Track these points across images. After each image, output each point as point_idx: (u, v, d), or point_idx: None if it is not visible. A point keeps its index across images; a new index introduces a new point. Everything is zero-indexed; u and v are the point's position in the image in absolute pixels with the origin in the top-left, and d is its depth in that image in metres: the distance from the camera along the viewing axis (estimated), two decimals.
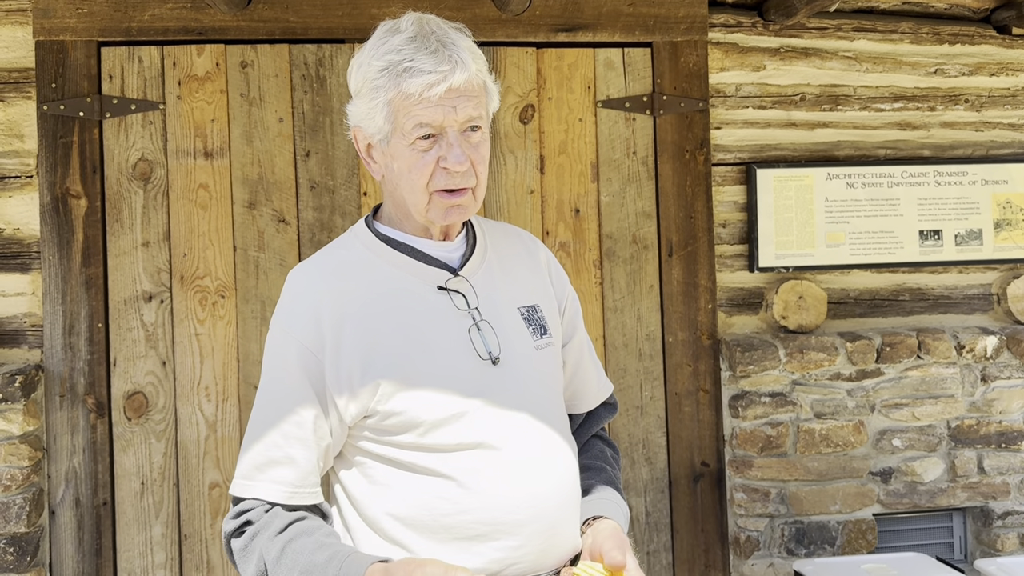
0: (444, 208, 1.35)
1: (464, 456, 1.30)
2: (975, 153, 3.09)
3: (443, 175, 1.32)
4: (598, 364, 1.57)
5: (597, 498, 1.42)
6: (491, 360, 1.34)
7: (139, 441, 2.74)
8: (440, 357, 1.32)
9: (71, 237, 2.70)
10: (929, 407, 2.94)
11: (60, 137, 2.70)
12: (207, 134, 2.78)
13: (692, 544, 2.93)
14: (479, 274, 1.40)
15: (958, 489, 2.96)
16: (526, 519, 1.30)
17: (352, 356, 1.30)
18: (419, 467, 1.30)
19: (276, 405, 1.33)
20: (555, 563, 1.33)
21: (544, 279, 1.48)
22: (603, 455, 1.52)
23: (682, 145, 2.94)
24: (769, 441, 2.87)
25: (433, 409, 1.30)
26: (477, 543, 1.29)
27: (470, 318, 1.35)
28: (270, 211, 2.80)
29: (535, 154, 2.91)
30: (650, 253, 2.95)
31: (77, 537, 2.69)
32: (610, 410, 1.58)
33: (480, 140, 1.35)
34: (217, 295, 2.78)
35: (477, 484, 1.29)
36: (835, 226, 2.98)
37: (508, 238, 1.49)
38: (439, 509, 1.29)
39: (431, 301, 1.35)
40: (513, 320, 1.39)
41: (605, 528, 1.34)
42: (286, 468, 1.31)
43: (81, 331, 2.70)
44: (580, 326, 1.53)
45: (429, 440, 1.30)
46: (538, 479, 1.32)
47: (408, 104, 1.31)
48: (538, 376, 1.38)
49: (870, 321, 3.04)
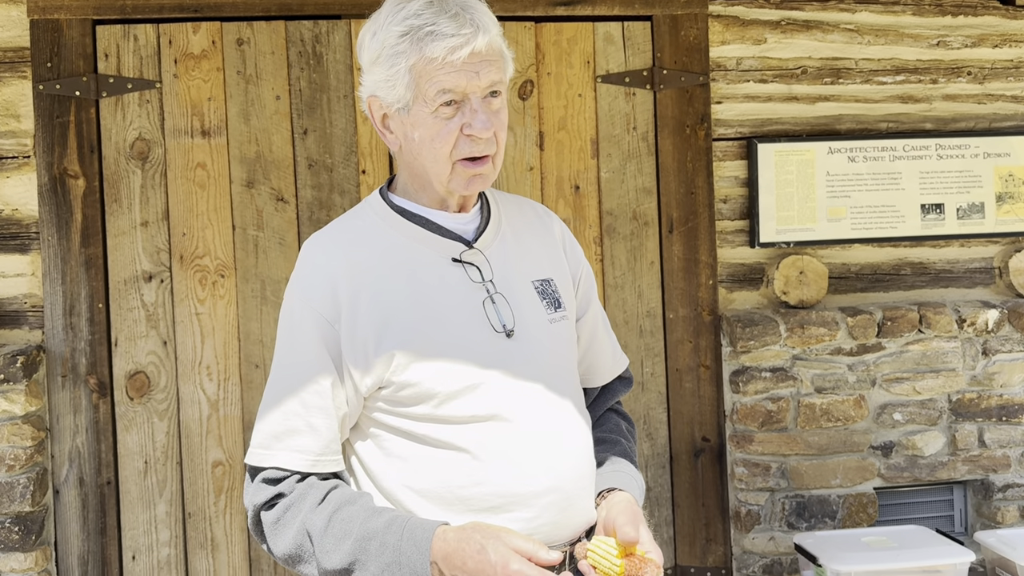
0: (466, 178, 1.34)
1: (479, 428, 1.30)
2: (977, 126, 3.07)
3: (467, 143, 1.32)
4: (613, 338, 1.56)
5: (611, 470, 1.42)
6: (505, 333, 1.34)
7: (141, 421, 2.75)
8: (455, 329, 1.32)
9: (70, 217, 2.69)
10: (930, 381, 2.94)
11: (57, 117, 2.69)
12: (204, 112, 2.76)
13: (693, 518, 2.95)
14: (494, 246, 1.40)
15: (959, 462, 2.97)
16: (541, 491, 1.30)
17: (367, 327, 1.30)
18: (434, 439, 1.31)
19: (294, 373, 1.33)
20: (570, 535, 1.34)
21: (558, 252, 1.47)
22: (618, 428, 1.52)
23: (682, 120, 2.92)
24: (770, 416, 2.88)
25: (447, 381, 1.30)
26: (492, 515, 1.29)
27: (484, 291, 1.35)
28: (268, 190, 2.79)
29: (534, 130, 2.89)
30: (650, 229, 2.94)
31: (82, 516, 2.71)
32: (625, 384, 1.58)
33: (500, 106, 1.35)
34: (217, 274, 2.78)
35: (492, 457, 1.29)
36: (836, 200, 2.96)
37: (522, 210, 1.49)
38: (455, 482, 1.29)
39: (446, 273, 1.35)
40: (527, 293, 1.39)
41: (619, 502, 1.34)
42: (308, 437, 1.31)
43: (82, 311, 2.70)
44: (594, 299, 1.52)
45: (444, 412, 1.30)
46: (552, 452, 1.32)
47: (431, 69, 1.30)
48: (552, 349, 1.38)
49: (871, 296, 3.03)
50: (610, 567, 1.24)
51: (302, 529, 1.28)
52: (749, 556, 2.90)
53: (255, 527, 1.34)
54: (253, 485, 1.34)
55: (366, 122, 2.81)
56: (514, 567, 1.16)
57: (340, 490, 1.31)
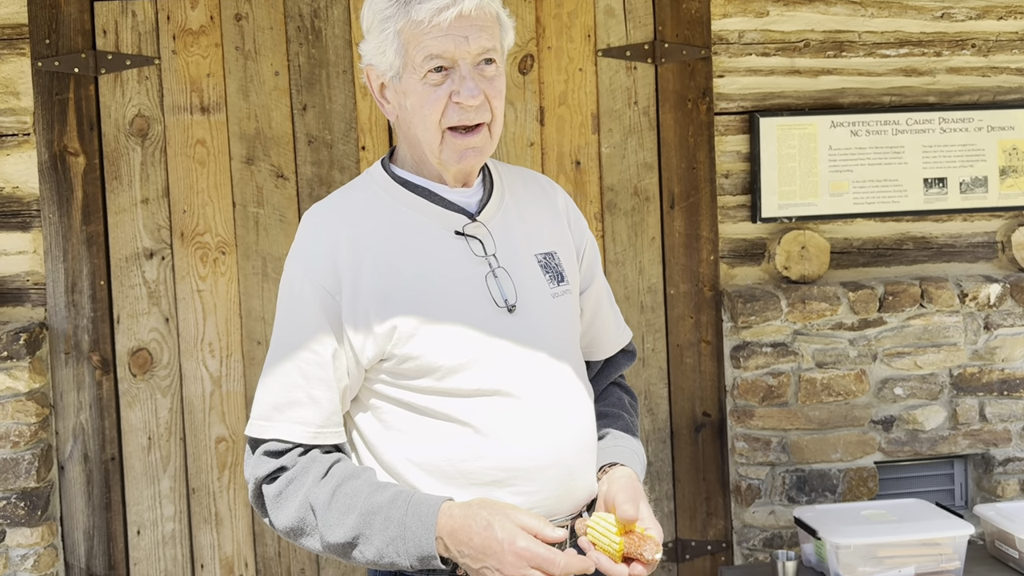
0: (458, 150, 1.32)
1: (481, 402, 1.30)
2: (981, 99, 3.04)
3: (456, 110, 1.30)
4: (617, 311, 1.56)
5: (613, 444, 1.42)
6: (507, 308, 1.33)
7: (145, 397, 2.77)
8: (456, 303, 1.32)
9: (70, 195, 2.70)
10: (931, 356, 2.94)
11: (56, 94, 2.68)
12: (203, 89, 2.75)
13: (693, 493, 2.96)
14: (496, 220, 1.38)
15: (959, 437, 2.97)
16: (543, 466, 1.30)
17: (369, 298, 1.30)
18: (436, 412, 1.31)
19: (294, 345, 1.32)
20: (571, 508, 1.35)
21: (562, 225, 1.46)
22: (620, 402, 1.52)
23: (684, 94, 2.90)
24: (770, 391, 2.88)
25: (449, 355, 1.29)
26: (494, 489, 1.30)
27: (487, 265, 1.34)
28: (268, 166, 2.79)
29: (535, 105, 2.88)
30: (651, 205, 2.93)
31: (86, 491, 2.73)
32: (629, 357, 1.57)
33: (495, 73, 1.32)
34: (218, 251, 2.79)
35: (494, 431, 1.29)
36: (839, 175, 2.95)
37: (526, 183, 1.47)
38: (456, 456, 1.30)
39: (448, 246, 1.34)
40: (530, 267, 1.38)
41: (619, 478, 1.34)
42: (309, 408, 1.30)
43: (84, 289, 2.71)
44: (598, 272, 1.51)
45: (446, 385, 1.30)
46: (555, 426, 1.32)
47: (418, 33, 1.28)
48: (554, 324, 1.37)
49: (873, 271, 3.03)
50: (609, 544, 1.24)
51: (305, 503, 1.28)
52: (749, 530, 2.92)
53: (256, 500, 1.34)
54: (254, 458, 1.33)
55: (365, 97, 2.80)
56: (520, 544, 1.17)
57: (343, 464, 1.31)
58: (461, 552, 1.22)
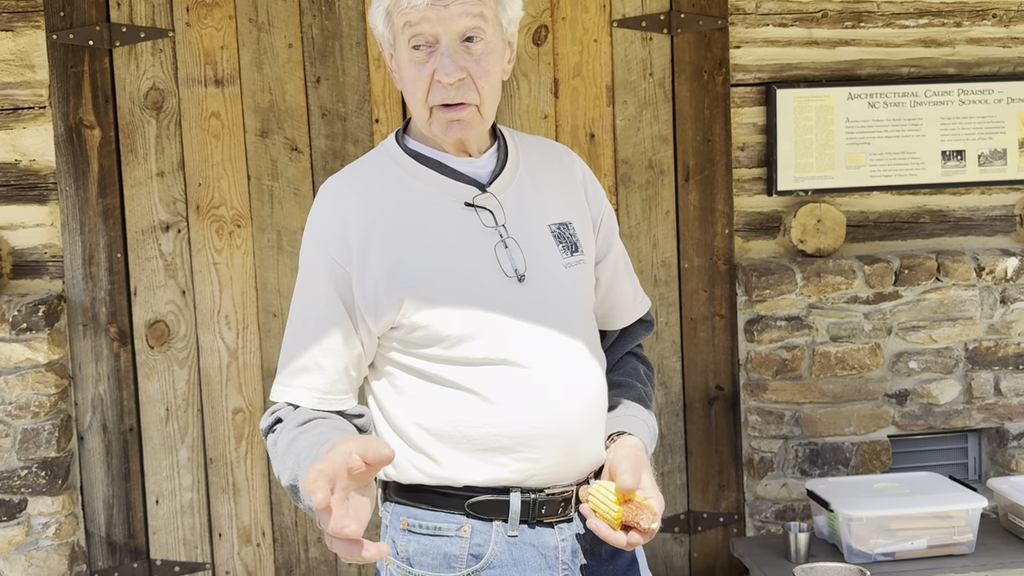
0: (444, 123, 1.32)
1: (489, 371, 1.32)
2: (1002, 70, 3.00)
3: (439, 89, 1.30)
4: (635, 281, 1.55)
5: (623, 414, 1.43)
6: (517, 278, 1.34)
7: (162, 369, 2.79)
8: (465, 274, 1.33)
9: (86, 168, 2.71)
10: (947, 329, 2.93)
11: (71, 67, 2.68)
12: (217, 61, 2.75)
13: (706, 465, 2.98)
14: (509, 190, 1.39)
15: (974, 411, 2.97)
16: (548, 434, 1.32)
17: (378, 270, 1.32)
18: (445, 380, 1.33)
19: (305, 315, 1.36)
20: (576, 475, 1.37)
21: (579, 195, 1.46)
22: (635, 372, 1.52)
23: (700, 65, 2.88)
24: (784, 364, 2.88)
25: (456, 324, 1.31)
26: (499, 454, 1.32)
27: (497, 235, 1.35)
28: (282, 139, 2.79)
29: (549, 77, 2.86)
30: (666, 178, 2.92)
31: (106, 461, 2.77)
32: (646, 327, 1.57)
33: (483, 52, 1.30)
34: (233, 224, 2.80)
35: (500, 399, 1.31)
36: (856, 147, 2.93)
37: (543, 152, 1.47)
38: (463, 421, 1.32)
39: (458, 218, 1.35)
40: (542, 237, 1.38)
41: (624, 447, 1.36)
42: (315, 375, 1.34)
43: (101, 261, 2.73)
44: (616, 242, 1.51)
45: (454, 353, 1.32)
46: (562, 396, 1.33)
47: (400, 7, 1.28)
48: (565, 294, 1.38)
49: (889, 244, 3.01)
50: (608, 511, 1.26)
51: (274, 448, 1.32)
52: (762, 502, 2.93)
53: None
54: (266, 414, 1.38)
55: (379, 69, 2.79)
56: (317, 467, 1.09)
57: (325, 419, 1.32)
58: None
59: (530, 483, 1.34)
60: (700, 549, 2.99)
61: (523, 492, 1.33)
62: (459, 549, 1.33)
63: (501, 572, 1.33)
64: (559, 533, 1.36)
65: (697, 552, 2.99)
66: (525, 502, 1.33)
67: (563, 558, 1.35)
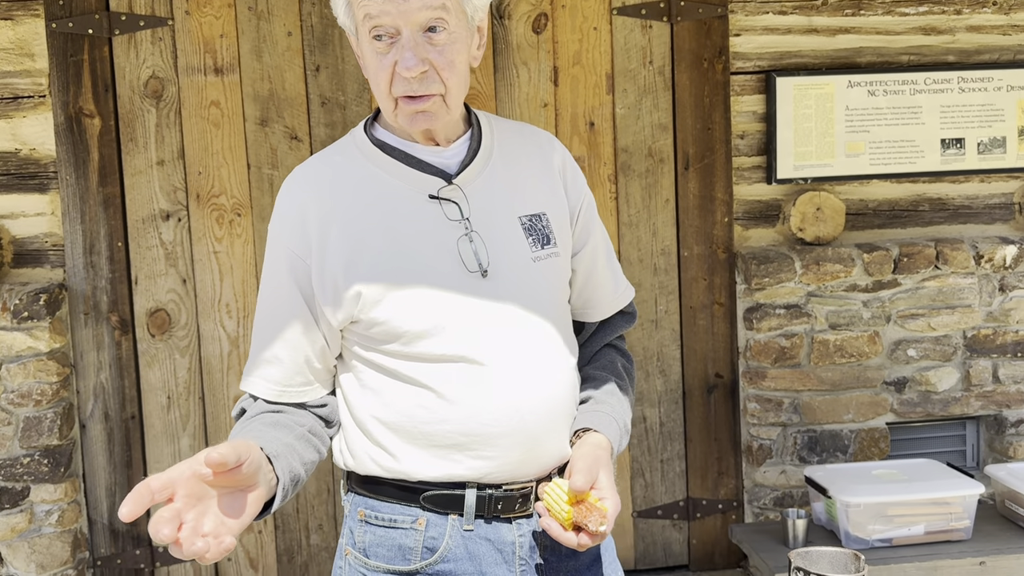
0: (408, 115, 1.29)
1: (446, 368, 1.30)
2: (1001, 58, 3.00)
3: (401, 81, 1.27)
4: (617, 272, 1.51)
5: (592, 409, 1.40)
6: (480, 272, 1.31)
7: (163, 357, 2.80)
8: (424, 268, 1.30)
9: (87, 157, 2.71)
10: (945, 317, 2.94)
11: (71, 56, 2.68)
12: (216, 50, 2.75)
13: (705, 452, 2.99)
14: (478, 181, 1.35)
15: (972, 398, 2.98)
16: (505, 432, 1.30)
17: (336, 263, 1.30)
18: (403, 375, 1.31)
19: (267, 307, 1.36)
20: (536, 472, 1.34)
21: (556, 185, 1.41)
22: (611, 365, 1.49)
23: (700, 53, 2.88)
24: (783, 352, 2.89)
25: (414, 320, 1.29)
26: (455, 451, 1.30)
27: (462, 228, 1.32)
28: (282, 128, 2.79)
29: (548, 65, 2.86)
30: (666, 167, 2.92)
31: (108, 449, 2.78)
32: (627, 319, 1.53)
33: (446, 42, 1.27)
34: (233, 213, 2.80)
35: (457, 396, 1.29)
36: (855, 135, 2.93)
37: (522, 140, 1.43)
38: (419, 417, 1.30)
39: (420, 210, 1.32)
40: (510, 230, 1.35)
41: (585, 445, 1.33)
42: (274, 367, 1.34)
43: (101, 250, 2.74)
44: (595, 232, 1.47)
45: (413, 350, 1.30)
46: (521, 393, 1.31)
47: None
48: (533, 289, 1.34)
49: (888, 232, 3.02)
50: (559, 511, 1.25)
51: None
52: (760, 489, 2.95)
53: None
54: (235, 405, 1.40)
55: None
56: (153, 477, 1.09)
57: (270, 415, 1.32)
58: None
59: (486, 480, 1.32)
60: (699, 535, 3.01)
61: (479, 488, 1.32)
62: (414, 541, 1.32)
63: (455, 566, 1.32)
64: (517, 529, 1.34)
65: (696, 538, 3.01)
66: (481, 497, 1.31)
67: (520, 554, 1.33)
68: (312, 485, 2.89)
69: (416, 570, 1.32)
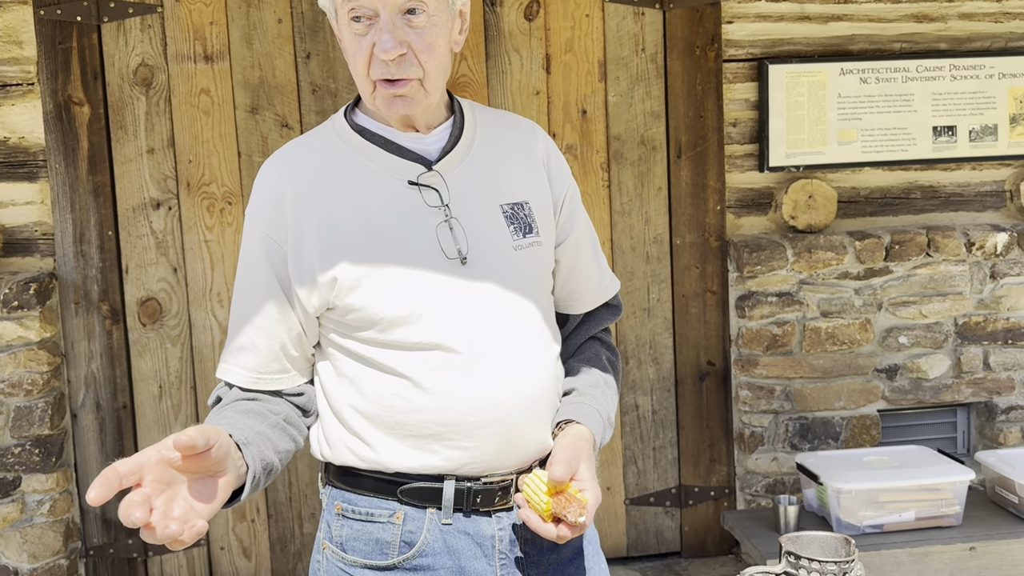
0: (386, 99, 1.27)
1: (423, 356, 1.28)
2: (993, 46, 3.00)
3: (379, 64, 1.25)
4: (602, 263, 1.49)
5: (575, 401, 1.38)
6: (459, 259, 1.29)
7: (155, 346, 2.80)
8: (403, 255, 1.29)
9: (76, 145, 2.69)
10: (936, 304, 2.95)
11: (59, 43, 2.66)
12: (206, 37, 2.73)
13: (697, 440, 3.00)
14: (459, 168, 1.33)
15: (963, 385, 2.99)
16: (482, 423, 1.28)
17: (313, 249, 1.28)
18: (379, 364, 1.30)
19: (244, 293, 1.34)
20: (516, 463, 1.33)
21: (539, 174, 1.40)
22: (596, 358, 1.47)
23: (692, 41, 2.87)
24: (775, 340, 2.90)
25: (390, 307, 1.27)
26: (432, 441, 1.29)
27: (441, 215, 1.30)
28: (272, 116, 2.78)
29: (541, 53, 2.85)
30: (658, 155, 2.91)
31: (99, 439, 2.77)
32: (612, 312, 1.51)
33: (425, 25, 1.25)
34: (224, 201, 2.79)
35: (434, 385, 1.28)
36: (847, 123, 2.93)
37: (504, 128, 1.41)
38: (395, 406, 1.29)
39: (399, 196, 1.30)
40: (492, 218, 1.33)
41: (567, 436, 1.32)
42: (248, 355, 1.32)
43: (92, 239, 2.72)
44: (579, 224, 1.45)
45: (389, 337, 1.28)
46: (500, 383, 1.29)
47: None
48: (514, 276, 1.33)
49: (880, 220, 3.02)
50: (539, 502, 1.24)
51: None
52: (752, 476, 2.96)
53: None
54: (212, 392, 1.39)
55: None
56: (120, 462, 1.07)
57: (243, 403, 1.31)
58: None
59: (464, 471, 1.30)
60: (691, 522, 3.02)
61: (457, 480, 1.30)
62: (391, 535, 1.31)
63: (433, 560, 1.30)
64: (497, 522, 1.32)
65: (688, 525, 3.02)
66: (460, 490, 1.30)
67: (500, 547, 1.32)
68: (305, 474, 2.89)
69: (394, 564, 1.31)
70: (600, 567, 1.44)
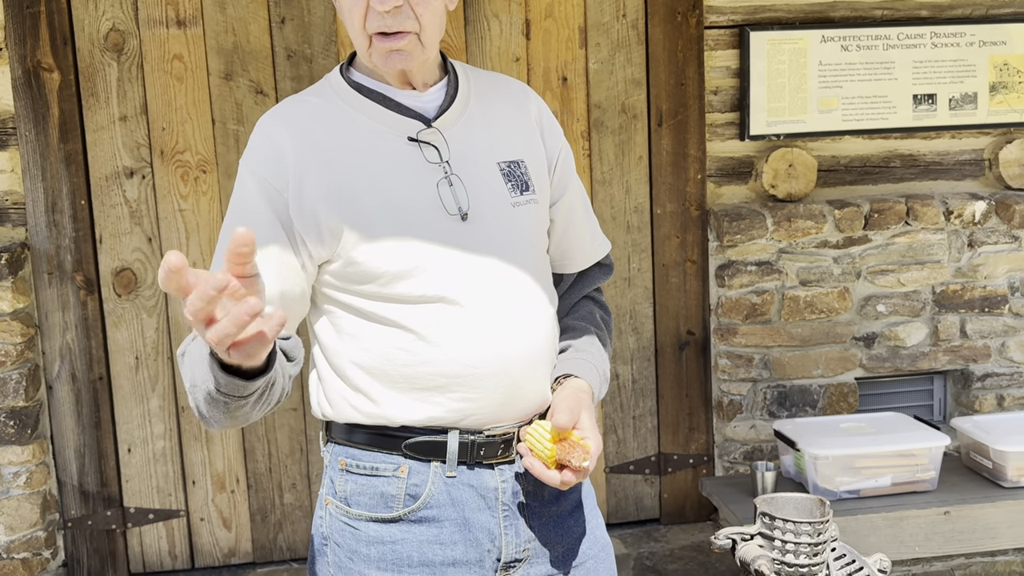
0: (383, 53, 1.28)
1: (426, 309, 1.29)
2: (974, 13, 2.99)
3: (375, 16, 1.26)
4: (593, 223, 1.52)
5: (572, 357, 1.42)
6: (460, 216, 1.31)
7: (131, 317, 2.76)
8: (404, 210, 1.30)
9: (46, 112, 2.64)
10: (915, 273, 2.96)
11: (27, 7, 2.60)
12: (179, 1, 2.67)
13: (676, 408, 3.01)
14: (457, 126, 1.35)
15: (940, 353, 3.02)
16: (485, 374, 1.30)
17: (315, 200, 1.28)
18: (382, 317, 1.31)
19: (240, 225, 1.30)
20: (518, 416, 1.35)
21: (533, 134, 1.42)
22: (590, 316, 1.50)
23: (674, 7, 2.84)
24: (754, 309, 2.91)
25: (393, 261, 1.28)
26: (436, 393, 1.31)
27: (441, 172, 1.31)
28: (247, 82, 2.73)
29: (520, 18, 2.81)
30: (639, 123, 2.89)
31: (76, 411, 2.75)
32: (605, 271, 1.54)
33: None
34: (199, 170, 2.75)
35: (437, 338, 1.29)
36: (828, 91, 2.92)
37: (497, 88, 1.43)
38: (399, 360, 1.30)
39: (400, 152, 1.31)
40: (490, 175, 1.35)
41: (565, 388, 1.35)
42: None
43: (64, 208, 2.68)
44: (572, 184, 1.48)
45: (391, 291, 1.29)
46: (502, 335, 1.31)
47: None
48: (512, 233, 1.35)
49: (860, 188, 3.02)
50: (543, 450, 1.27)
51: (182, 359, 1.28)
52: (730, 443, 2.98)
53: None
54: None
55: None
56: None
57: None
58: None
59: (467, 423, 1.32)
60: (670, 489, 3.05)
61: (461, 433, 1.32)
62: (396, 489, 1.33)
63: (438, 512, 1.33)
64: (499, 475, 1.35)
65: (667, 492, 3.05)
66: (463, 443, 1.32)
67: (503, 499, 1.35)
68: (285, 444, 2.89)
69: (399, 517, 1.33)
70: (597, 521, 1.49)
